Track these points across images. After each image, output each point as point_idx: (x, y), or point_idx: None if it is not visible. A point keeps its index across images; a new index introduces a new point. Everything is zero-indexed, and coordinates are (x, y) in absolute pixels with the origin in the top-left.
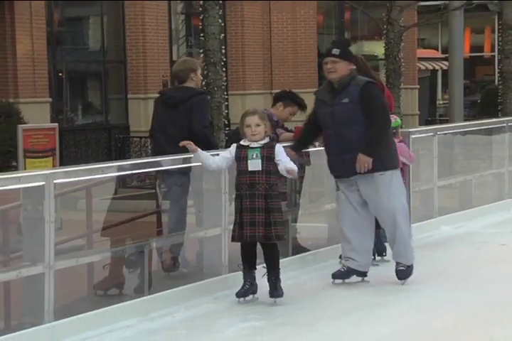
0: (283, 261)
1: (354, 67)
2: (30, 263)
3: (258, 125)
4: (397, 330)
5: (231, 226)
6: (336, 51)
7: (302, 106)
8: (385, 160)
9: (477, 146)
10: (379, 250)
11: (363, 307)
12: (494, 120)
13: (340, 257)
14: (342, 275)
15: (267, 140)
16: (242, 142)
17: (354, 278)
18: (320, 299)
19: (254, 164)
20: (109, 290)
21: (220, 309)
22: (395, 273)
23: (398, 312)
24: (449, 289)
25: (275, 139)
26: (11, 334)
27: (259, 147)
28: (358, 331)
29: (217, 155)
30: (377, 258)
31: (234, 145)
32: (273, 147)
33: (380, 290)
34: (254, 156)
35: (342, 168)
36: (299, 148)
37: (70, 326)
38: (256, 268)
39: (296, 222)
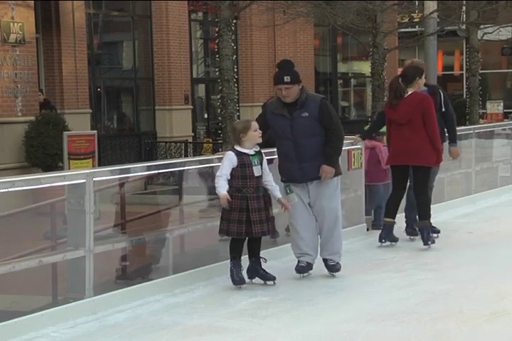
0: (286, 246)
1: (301, 84)
2: (74, 247)
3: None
4: (383, 304)
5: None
6: (287, 79)
7: None
8: (334, 168)
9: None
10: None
11: (353, 285)
12: (463, 128)
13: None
14: (304, 269)
15: (257, 148)
16: (240, 149)
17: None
18: (316, 278)
19: (257, 170)
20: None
21: (233, 286)
22: (326, 268)
23: (383, 289)
24: (425, 270)
25: None
26: (58, 307)
27: (256, 154)
28: (350, 305)
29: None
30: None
31: (231, 154)
32: (262, 154)
33: (367, 271)
34: (256, 163)
35: (299, 174)
36: None
37: (107, 300)
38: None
39: None
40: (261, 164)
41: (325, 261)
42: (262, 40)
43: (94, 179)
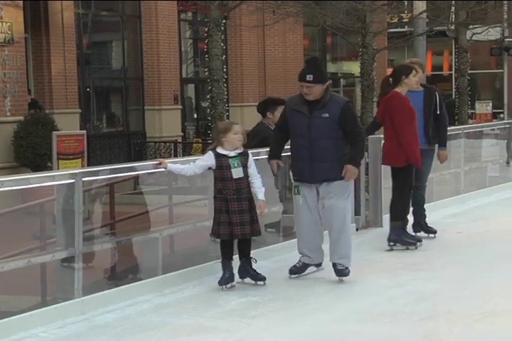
0: (275, 246)
1: (327, 84)
2: (63, 247)
3: (242, 133)
4: (372, 304)
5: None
6: (309, 77)
7: (282, 102)
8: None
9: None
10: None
11: (342, 285)
12: (452, 128)
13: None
14: (297, 270)
15: (241, 149)
16: (219, 151)
17: (309, 270)
18: (306, 278)
19: (238, 172)
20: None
21: (223, 286)
22: (334, 273)
23: (373, 289)
24: (414, 270)
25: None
26: (47, 307)
27: (238, 156)
28: (339, 305)
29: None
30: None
31: (211, 154)
32: (247, 155)
33: (356, 271)
34: (236, 165)
35: (311, 175)
36: (280, 155)
37: (96, 300)
38: (233, 259)
39: (286, 213)
40: (245, 166)
41: (334, 265)
42: (252, 40)
43: (83, 179)
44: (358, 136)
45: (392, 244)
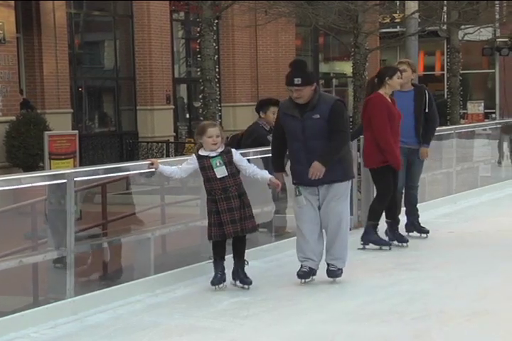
0: (267, 246)
1: (315, 85)
2: (54, 248)
3: (218, 136)
4: (364, 304)
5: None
6: (298, 81)
7: (275, 103)
8: (345, 172)
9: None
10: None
11: (334, 285)
12: (444, 128)
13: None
14: (306, 274)
15: (222, 148)
16: (200, 152)
17: (313, 277)
18: (297, 279)
19: (221, 171)
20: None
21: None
22: (326, 273)
23: (365, 288)
24: (407, 270)
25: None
26: (39, 307)
27: (219, 155)
28: (331, 305)
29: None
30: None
31: (193, 157)
32: (230, 152)
33: (348, 270)
34: (218, 164)
35: (308, 178)
36: (283, 167)
37: (88, 301)
38: (225, 259)
39: (278, 213)
40: (229, 164)
41: (327, 265)
42: (244, 40)
43: (75, 179)
44: (338, 135)
45: (362, 242)
